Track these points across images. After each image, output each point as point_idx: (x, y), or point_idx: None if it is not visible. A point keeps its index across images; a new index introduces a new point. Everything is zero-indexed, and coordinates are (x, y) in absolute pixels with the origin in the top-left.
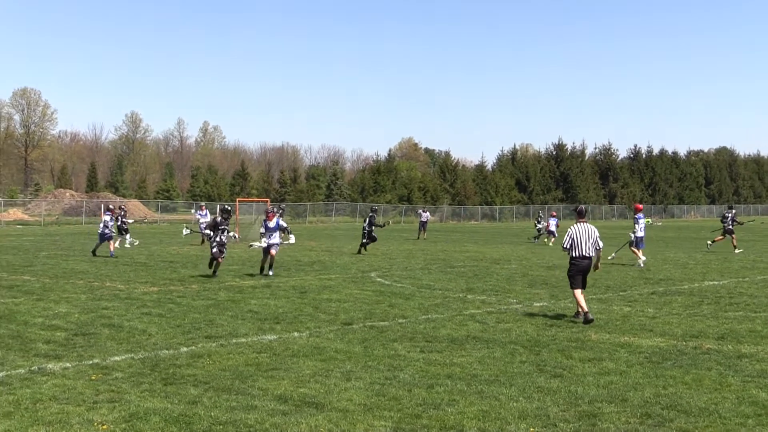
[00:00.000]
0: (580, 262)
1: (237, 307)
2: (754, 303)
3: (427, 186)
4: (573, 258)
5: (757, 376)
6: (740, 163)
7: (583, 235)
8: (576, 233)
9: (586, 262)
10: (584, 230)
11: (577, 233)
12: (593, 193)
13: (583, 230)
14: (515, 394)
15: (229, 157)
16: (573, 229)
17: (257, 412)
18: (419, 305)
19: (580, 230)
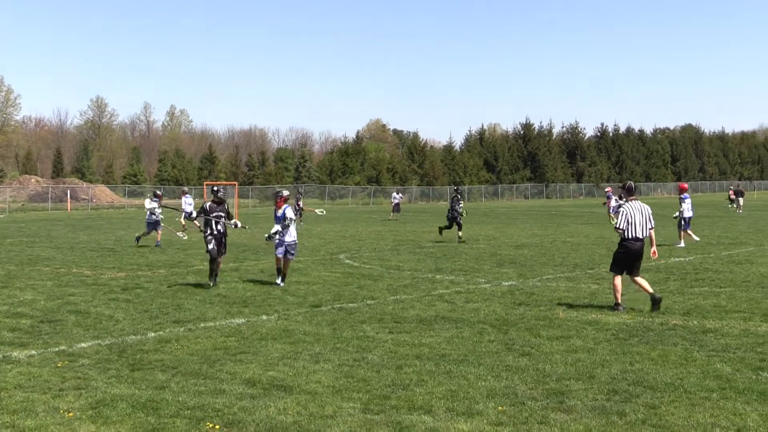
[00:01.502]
0: (633, 244)
1: (205, 291)
2: (718, 278)
3: (396, 167)
4: (625, 240)
5: (721, 350)
6: (705, 140)
7: (637, 214)
8: (630, 212)
9: (639, 245)
10: (638, 209)
11: (632, 212)
12: (561, 171)
13: (637, 209)
14: (483, 373)
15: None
16: (627, 208)
17: (225, 396)
18: (388, 286)
19: (634, 209)
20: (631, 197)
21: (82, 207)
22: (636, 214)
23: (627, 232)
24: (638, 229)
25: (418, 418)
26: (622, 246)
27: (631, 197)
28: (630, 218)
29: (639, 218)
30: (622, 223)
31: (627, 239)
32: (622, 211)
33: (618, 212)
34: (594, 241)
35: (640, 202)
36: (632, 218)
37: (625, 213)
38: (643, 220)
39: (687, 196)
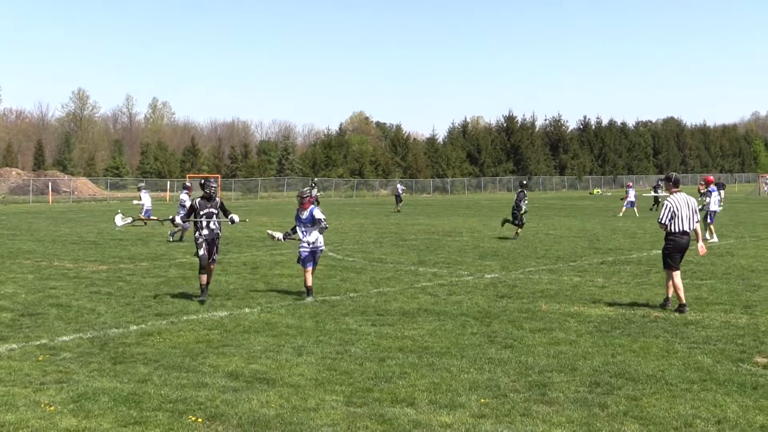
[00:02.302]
0: (681, 238)
1: (188, 284)
2: (700, 271)
3: (379, 160)
4: (672, 234)
5: (702, 342)
6: (687, 133)
7: (682, 207)
8: (675, 205)
9: (687, 239)
10: (683, 201)
11: (677, 205)
12: (544, 164)
13: (683, 201)
14: (466, 366)
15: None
16: (672, 201)
17: (208, 389)
18: (371, 279)
19: (680, 201)
20: (675, 189)
21: (63, 200)
22: (682, 207)
23: (673, 226)
24: (685, 222)
25: (401, 410)
26: (670, 241)
27: (675, 189)
28: (676, 211)
29: (685, 211)
30: (665, 217)
31: (674, 233)
32: (666, 205)
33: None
34: (576, 234)
35: (685, 194)
36: (678, 211)
37: (669, 206)
38: (689, 213)
39: (714, 189)
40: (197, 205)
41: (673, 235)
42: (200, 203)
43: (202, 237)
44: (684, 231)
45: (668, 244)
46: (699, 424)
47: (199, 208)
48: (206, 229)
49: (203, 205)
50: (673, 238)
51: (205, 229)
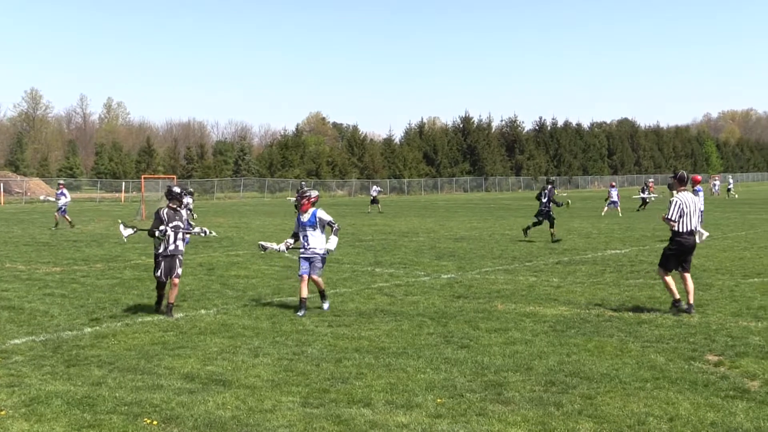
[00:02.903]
0: (687, 239)
1: (143, 285)
2: (653, 270)
3: (336, 160)
4: (679, 234)
5: (655, 341)
6: (641, 134)
7: (690, 206)
8: (685, 203)
9: (693, 239)
10: (691, 200)
11: (686, 204)
12: (500, 165)
13: (690, 200)
14: (423, 366)
15: (135, 133)
16: (680, 199)
17: (163, 391)
18: (327, 280)
19: (688, 200)
20: (682, 188)
21: (15, 200)
22: (690, 206)
23: (681, 225)
24: (693, 221)
25: (358, 411)
26: (675, 242)
27: (682, 188)
28: (685, 209)
29: (692, 210)
30: (674, 215)
31: (681, 233)
32: (675, 202)
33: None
34: (532, 234)
35: (691, 194)
36: (687, 209)
37: (678, 204)
38: (696, 213)
39: (700, 188)
40: (164, 216)
41: (680, 236)
42: (168, 213)
43: (163, 253)
44: (690, 231)
45: (673, 245)
46: (652, 422)
47: (167, 219)
48: (172, 245)
49: (171, 216)
50: (680, 238)
51: (171, 244)
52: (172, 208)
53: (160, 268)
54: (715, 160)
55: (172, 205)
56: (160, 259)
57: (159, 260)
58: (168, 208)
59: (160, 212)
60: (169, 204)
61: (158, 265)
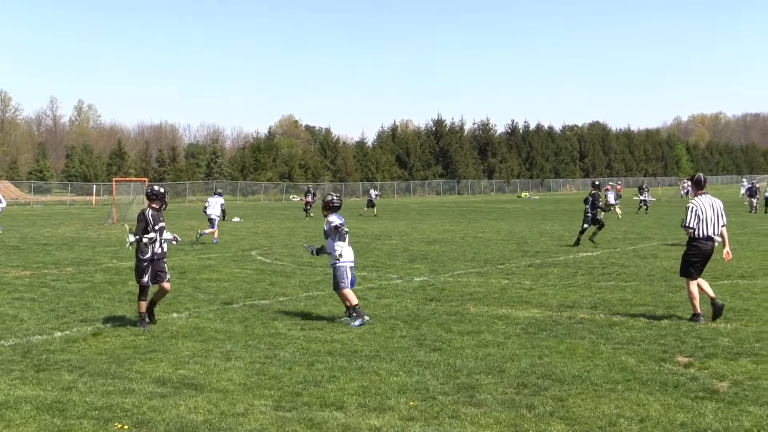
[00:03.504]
0: (704, 244)
1: (114, 289)
2: (624, 273)
3: (308, 163)
4: (696, 239)
5: (626, 343)
6: (612, 137)
7: (708, 210)
8: (700, 208)
9: (711, 245)
10: (709, 204)
11: (702, 208)
12: (472, 168)
13: (708, 204)
14: (395, 369)
15: (106, 136)
16: (697, 204)
17: (135, 395)
18: (300, 283)
19: (705, 204)
20: (700, 191)
21: None
22: (707, 210)
23: (698, 231)
24: (710, 226)
25: (330, 414)
26: (693, 247)
27: (700, 191)
28: (701, 214)
29: (710, 214)
30: (692, 221)
31: (698, 239)
32: (691, 207)
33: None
34: (504, 237)
35: (710, 197)
36: (703, 214)
37: (694, 209)
38: (714, 217)
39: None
40: (150, 217)
41: (697, 241)
42: (153, 215)
43: (149, 257)
44: (709, 236)
45: (690, 251)
46: (623, 423)
47: (152, 221)
48: (159, 248)
49: (156, 218)
50: (697, 244)
51: (159, 248)
52: (155, 209)
53: (147, 273)
54: (685, 163)
55: (155, 205)
56: (146, 264)
57: (146, 265)
58: (151, 208)
59: (145, 213)
60: (151, 204)
61: (144, 270)
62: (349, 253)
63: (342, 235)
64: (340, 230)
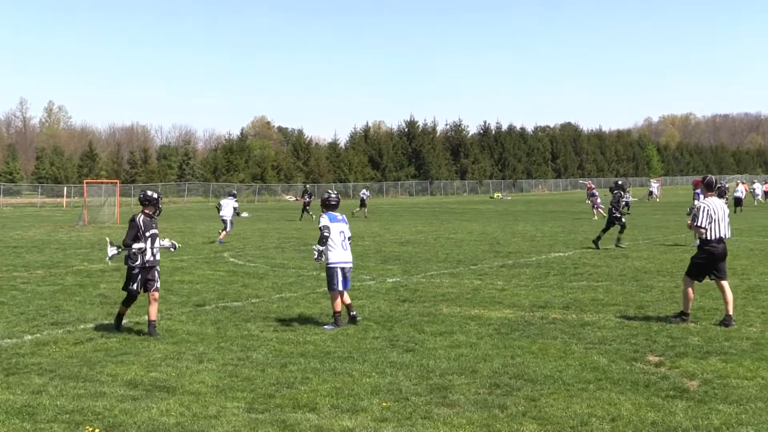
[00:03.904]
0: (716, 247)
1: (85, 291)
2: (596, 273)
3: (281, 164)
4: (708, 242)
5: (598, 343)
6: (584, 138)
7: (718, 211)
8: (712, 209)
9: (723, 246)
10: (719, 206)
11: (714, 209)
12: (445, 169)
13: (719, 206)
14: (368, 370)
15: (76, 138)
16: (708, 205)
17: (106, 398)
18: (273, 284)
19: (716, 206)
20: (710, 193)
21: None
22: (719, 211)
23: (710, 233)
24: (722, 228)
25: (303, 416)
26: (704, 250)
27: (710, 193)
28: (713, 215)
29: (722, 216)
30: (704, 221)
31: (709, 241)
32: (702, 208)
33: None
34: (477, 238)
35: (719, 200)
36: (715, 215)
37: (707, 210)
38: (725, 219)
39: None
40: (141, 223)
41: (709, 244)
42: (145, 221)
43: (140, 265)
44: (720, 238)
45: (702, 254)
46: (594, 423)
47: (143, 227)
48: (150, 256)
49: (147, 224)
50: (709, 247)
51: (150, 255)
52: (147, 215)
53: (135, 281)
54: (656, 164)
55: (148, 211)
56: (137, 271)
57: (135, 272)
58: (143, 214)
59: (136, 219)
60: (144, 210)
61: (134, 277)
62: (340, 254)
63: (321, 238)
64: (321, 232)
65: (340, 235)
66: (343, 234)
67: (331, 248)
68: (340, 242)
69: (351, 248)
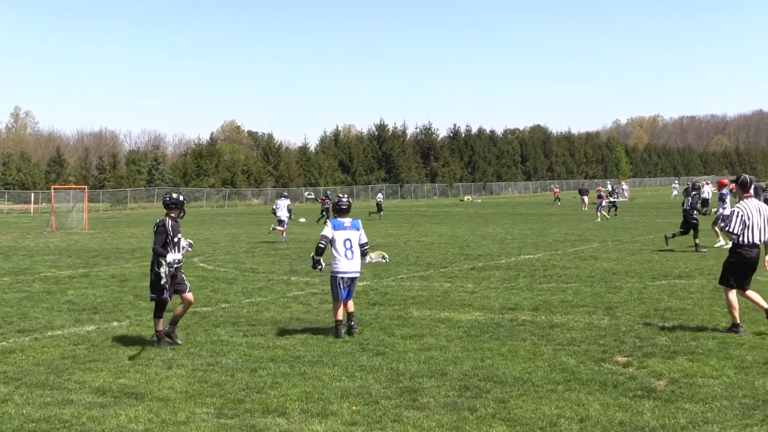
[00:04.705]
0: (748, 252)
1: (53, 298)
2: (565, 274)
3: (251, 169)
4: (739, 246)
5: (567, 344)
6: (553, 140)
7: (754, 214)
8: (747, 213)
9: (756, 252)
10: (755, 208)
11: (748, 213)
12: (415, 172)
13: (755, 209)
14: (338, 374)
15: (44, 143)
16: (743, 208)
17: (73, 406)
18: (243, 289)
19: (752, 209)
20: (746, 194)
21: None
22: (754, 215)
23: (743, 237)
24: (756, 233)
25: (273, 420)
26: (735, 254)
27: (746, 194)
28: (747, 220)
29: (757, 220)
30: (737, 226)
31: (741, 245)
32: (736, 212)
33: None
34: (447, 241)
35: (757, 201)
36: (749, 220)
37: (740, 214)
38: (761, 223)
39: (727, 192)
40: (170, 228)
41: (741, 248)
42: (173, 226)
43: (169, 272)
44: (753, 243)
45: (732, 258)
46: (563, 424)
47: (172, 232)
48: (177, 261)
49: (176, 229)
50: (740, 251)
51: (175, 261)
52: (173, 218)
53: (166, 289)
54: (625, 166)
55: (173, 214)
56: (165, 280)
57: (165, 281)
58: (169, 218)
59: (165, 224)
60: (169, 214)
61: (165, 287)
62: (343, 264)
63: (317, 247)
64: (318, 241)
65: (345, 243)
66: (348, 242)
67: (335, 257)
68: (343, 252)
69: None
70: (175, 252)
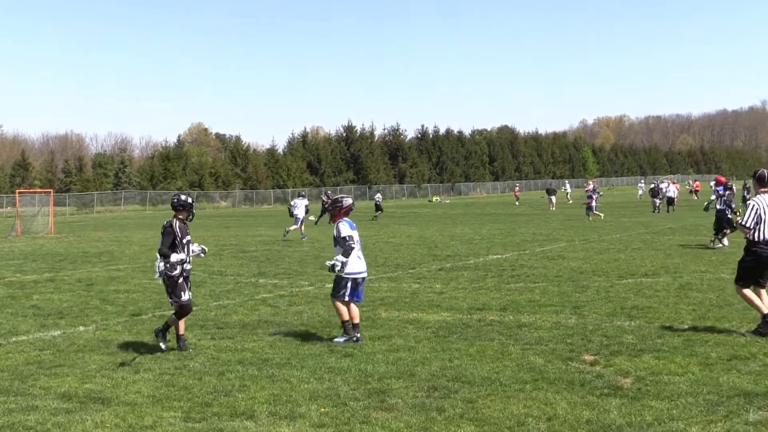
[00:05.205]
0: (765, 249)
1: (17, 303)
2: (533, 274)
3: (219, 171)
4: (755, 243)
5: (534, 343)
6: (521, 140)
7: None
8: (763, 208)
9: None
10: None
11: (765, 208)
12: (383, 173)
13: None
14: (306, 376)
15: (8, 147)
16: (758, 203)
17: (38, 412)
18: (210, 292)
19: (766, 204)
20: (762, 189)
21: None
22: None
23: (758, 233)
24: None
25: (240, 423)
26: (750, 252)
27: (762, 189)
28: (763, 215)
29: None
30: (750, 220)
31: (757, 242)
32: (752, 205)
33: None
34: (416, 241)
35: None
36: (765, 215)
37: (755, 207)
38: None
39: (721, 189)
40: (177, 230)
41: (756, 245)
42: (181, 227)
43: (178, 273)
44: None
45: (748, 257)
46: (531, 423)
47: (180, 234)
48: (188, 263)
49: (184, 231)
50: (756, 248)
51: (188, 263)
52: (181, 220)
53: (185, 291)
54: (592, 165)
55: (181, 216)
56: (181, 280)
57: (181, 282)
58: (177, 220)
59: (173, 226)
60: (177, 215)
61: (182, 288)
62: (356, 264)
63: (347, 249)
64: (346, 242)
65: (357, 243)
66: (359, 242)
67: None
68: (356, 251)
69: None
70: (185, 254)
